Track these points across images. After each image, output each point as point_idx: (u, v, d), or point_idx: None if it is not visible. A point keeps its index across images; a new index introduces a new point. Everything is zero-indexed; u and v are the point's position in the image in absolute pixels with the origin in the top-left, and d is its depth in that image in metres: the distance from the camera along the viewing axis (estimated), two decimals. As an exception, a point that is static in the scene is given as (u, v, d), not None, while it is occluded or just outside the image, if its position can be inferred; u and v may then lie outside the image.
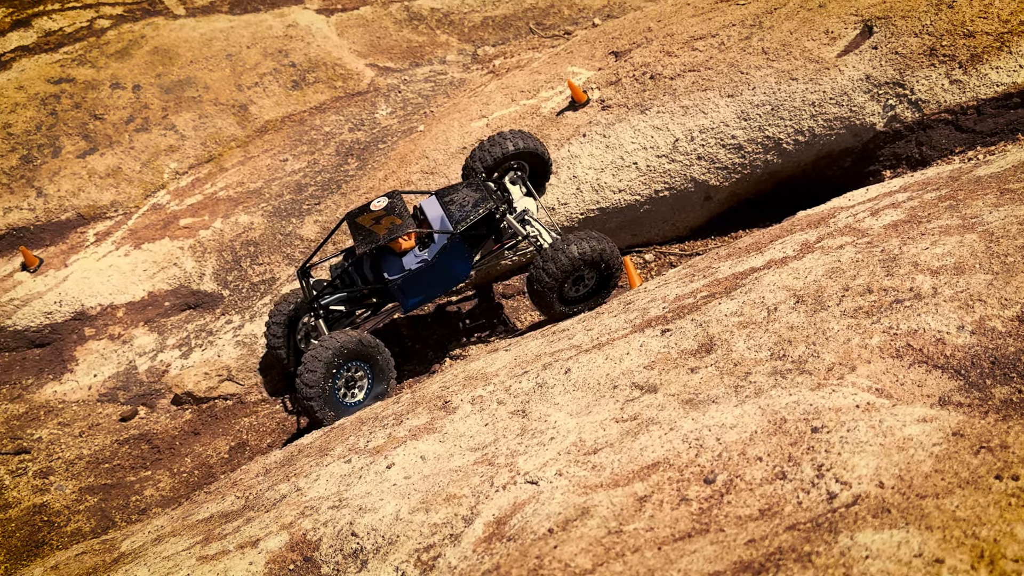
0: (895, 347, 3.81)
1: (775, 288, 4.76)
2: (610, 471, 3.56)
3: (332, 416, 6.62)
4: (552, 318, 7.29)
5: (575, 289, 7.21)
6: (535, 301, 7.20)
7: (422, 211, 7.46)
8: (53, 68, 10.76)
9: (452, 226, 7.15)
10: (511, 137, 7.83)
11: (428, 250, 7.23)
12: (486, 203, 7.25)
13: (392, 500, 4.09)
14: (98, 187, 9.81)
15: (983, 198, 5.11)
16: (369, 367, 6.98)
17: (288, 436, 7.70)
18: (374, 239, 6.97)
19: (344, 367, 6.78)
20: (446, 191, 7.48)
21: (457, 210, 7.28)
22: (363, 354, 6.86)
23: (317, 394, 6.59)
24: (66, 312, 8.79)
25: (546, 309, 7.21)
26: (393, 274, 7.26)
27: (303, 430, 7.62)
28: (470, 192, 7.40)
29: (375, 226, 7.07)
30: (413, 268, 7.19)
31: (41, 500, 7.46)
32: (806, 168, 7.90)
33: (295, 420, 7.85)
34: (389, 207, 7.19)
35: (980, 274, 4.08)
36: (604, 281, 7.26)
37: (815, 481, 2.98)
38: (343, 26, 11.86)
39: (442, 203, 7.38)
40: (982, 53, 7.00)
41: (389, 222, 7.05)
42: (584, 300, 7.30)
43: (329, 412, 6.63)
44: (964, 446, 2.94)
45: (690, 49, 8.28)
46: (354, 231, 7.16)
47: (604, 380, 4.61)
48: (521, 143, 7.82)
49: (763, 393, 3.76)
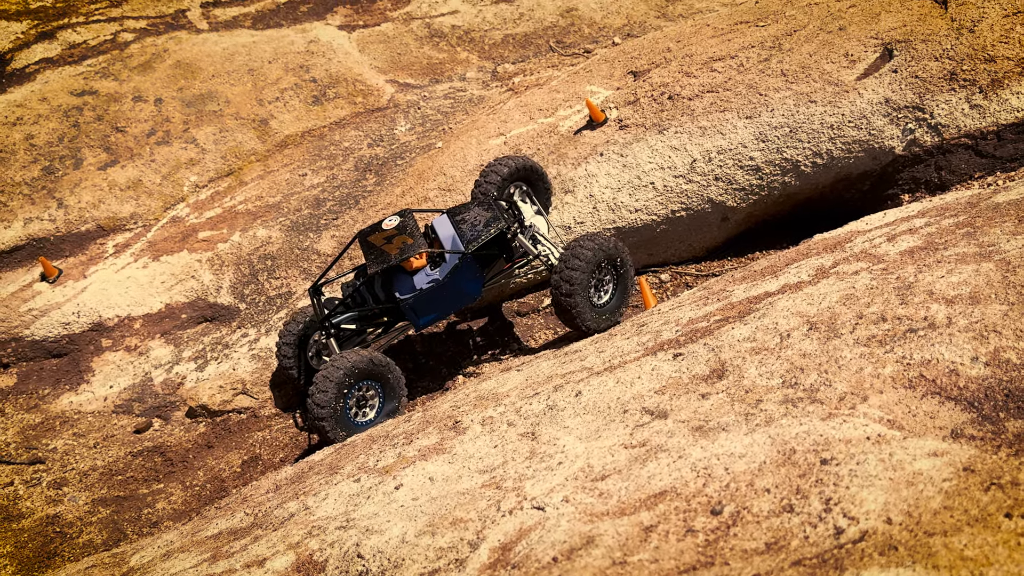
0: (908, 377, 3.77)
1: (789, 314, 4.72)
2: (617, 499, 3.53)
3: (343, 435, 6.61)
4: (582, 331, 7.17)
5: (599, 296, 7.17)
6: (562, 315, 7.10)
7: (433, 230, 7.47)
8: (76, 80, 10.87)
9: (464, 246, 7.16)
10: (504, 160, 7.93)
11: (439, 269, 7.23)
12: (497, 222, 7.25)
13: (399, 522, 4.08)
14: (118, 199, 9.89)
15: (1001, 225, 5.06)
16: (380, 386, 6.97)
17: (301, 451, 7.71)
18: (386, 259, 6.98)
19: (355, 387, 6.77)
20: (457, 210, 7.49)
21: (469, 229, 7.28)
22: (374, 374, 6.85)
23: (328, 414, 6.58)
24: (84, 323, 8.85)
25: (573, 320, 7.05)
26: (404, 293, 7.27)
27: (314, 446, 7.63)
28: (481, 211, 7.41)
29: (387, 245, 7.08)
30: (424, 287, 7.19)
31: (54, 511, 7.49)
32: (824, 191, 7.87)
33: (307, 435, 7.86)
34: (401, 226, 7.21)
35: (996, 304, 4.03)
36: (622, 281, 7.25)
37: (823, 515, 2.94)
38: (364, 42, 11.93)
39: (453, 222, 7.39)
40: (1003, 78, 6.96)
41: (401, 241, 7.07)
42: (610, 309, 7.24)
43: (340, 432, 6.62)
44: (974, 482, 2.90)
45: (709, 70, 8.27)
46: (366, 250, 7.18)
47: (615, 404, 4.59)
48: (513, 162, 7.90)
49: (773, 422, 3.73)
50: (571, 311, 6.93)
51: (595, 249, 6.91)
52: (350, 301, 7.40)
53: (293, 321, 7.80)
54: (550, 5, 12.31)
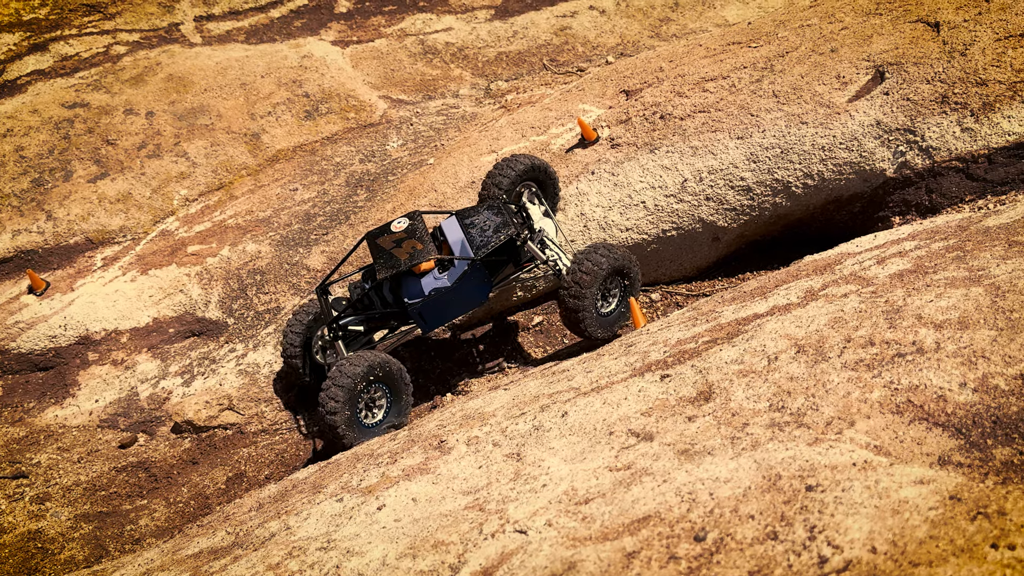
0: (895, 403, 3.74)
1: (777, 336, 4.69)
2: (600, 523, 3.48)
3: (353, 438, 6.60)
4: (585, 336, 7.28)
5: (606, 303, 7.27)
6: (569, 324, 7.21)
7: (442, 232, 7.44)
8: (68, 93, 10.84)
9: (473, 251, 7.14)
10: (514, 160, 7.86)
11: (448, 273, 7.20)
12: (507, 228, 7.23)
13: (380, 544, 4.03)
14: (108, 212, 9.84)
15: (991, 250, 5.04)
16: (389, 389, 6.96)
17: (287, 468, 7.64)
18: (396, 264, 6.94)
19: (367, 388, 6.76)
20: (467, 212, 7.45)
21: (478, 234, 7.25)
22: (384, 376, 6.84)
23: (342, 419, 6.57)
24: (70, 336, 8.78)
25: (578, 325, 7.17)
26: (412, 297, 7.24)
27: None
28: (491, 216, 7.37)
29: (396, 249, 7.03)
30: (432, 292, 7.17)
31: (37, 526, 7.41)
32: (815, 212, 7.85)
33: (294, 452, 7.79)
34: (410, 229, 7.16)
35: (984, 330, 4.01)
36: (629, 290, 7.36)
37: (807, 543, 2.90)
38: (358, 58, 11.92)
39: (462, 225, 7.35)
40: (994, 102, 6.96)
41: (410, 246, 7.02)
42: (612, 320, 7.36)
43: (352, 435, 6.61)
44: (961, 511, 2.87)
45: (701, 90, 8.27)
46: (374, 251, 7.13)
47: (601, 425, 4.54)
48: (523, 162, 7.85)
49: (760, 446, 3.69)
50: (578, 314, 7.04)
51: (610, 259, 7.02)
52: (357, 303, 7.35)
53: (303, 311, 7.75)
54: (544, 23, 12.33)
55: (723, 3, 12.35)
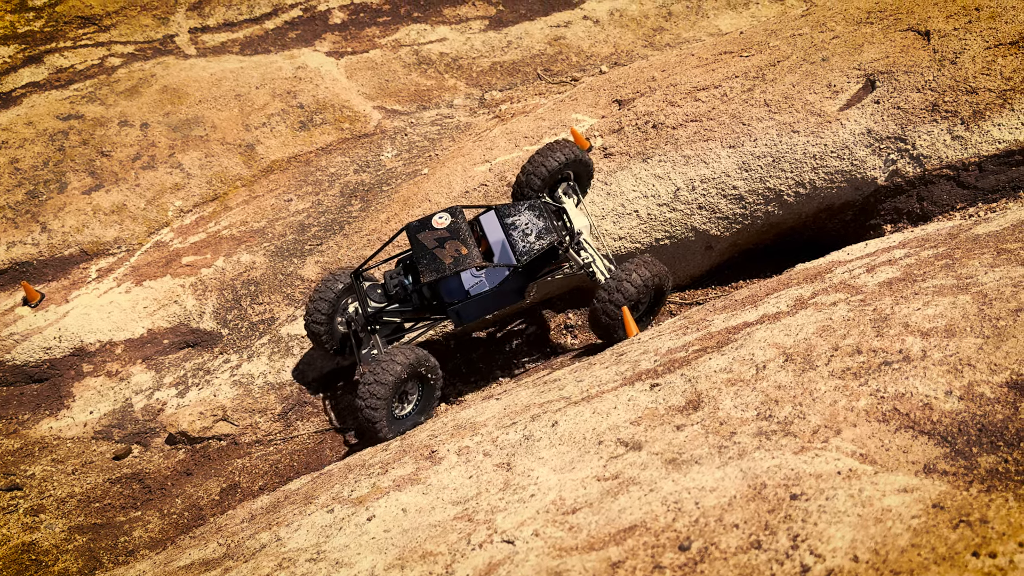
0: (882, 411, 3.74)
1: (765, 345, 4.70)
2: (586, 533, 3.49)
3: (387, 431, 6.71)
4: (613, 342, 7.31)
5: (634, 312, 7.36)
6: (598, 332, 7.31)
7: (481, 227, 7.42)
8: (63, 104, 10.86)
9: (515, 256, 7.14)
10: (554, 150, 7.73)
11: (485, 272, 7.24)
12: (549, 235, 7.20)
13: (369, 555, 4.03)
14: (102, 224, 9.85)
15: (979, 258, 5.05)
16: (423, 385, 7.09)
17: (281, 479, 7.64)
18: (440, 268, 6.92)
19: (404, 383, 6.86)
20: (507, 210, 7.39)
21: (520, 238, 7.23)
22: (421, 373, 6.95)
23: (382, 415, 6.68)
24: (65, 348, 8.78)
25: (609, 338, 7.26)
26: (452, 296, 7.29)
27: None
28: (532, 218, 7.32)
29: (438, 250, 6.99)
30: (473, 294, 7.22)
31: (31, 538, 7.39)
32: (807, 220, 7.87)
33: (288, 462, 7.78)
34: (452, 228, 7.13)
35: (971, 338, 4.02)
36: (657, 300, 7.50)
37: (789, 552, 2.91)
38: (352, 69, 11.95)
39: (503, 225, 7.32)
40: (984, 110, 6.98)
41: (454, 248, 6.99)
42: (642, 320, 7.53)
43: (388, 430, 6.73)
44: (943, 519, 2.87)
45: (693, 99, 8.29)
46: (416, 249, 7.11)
47: (590, 435, 4.55)
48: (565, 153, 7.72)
49: (746, 455, 3.70)
50: (611, 326, 7.13)
51: (649, 279, 7.08)
52: (394, 296, 7.39)
53: (333, 279, 7.73)
54: (538, 34, 12.36)
55: (716, 12, 12.39)
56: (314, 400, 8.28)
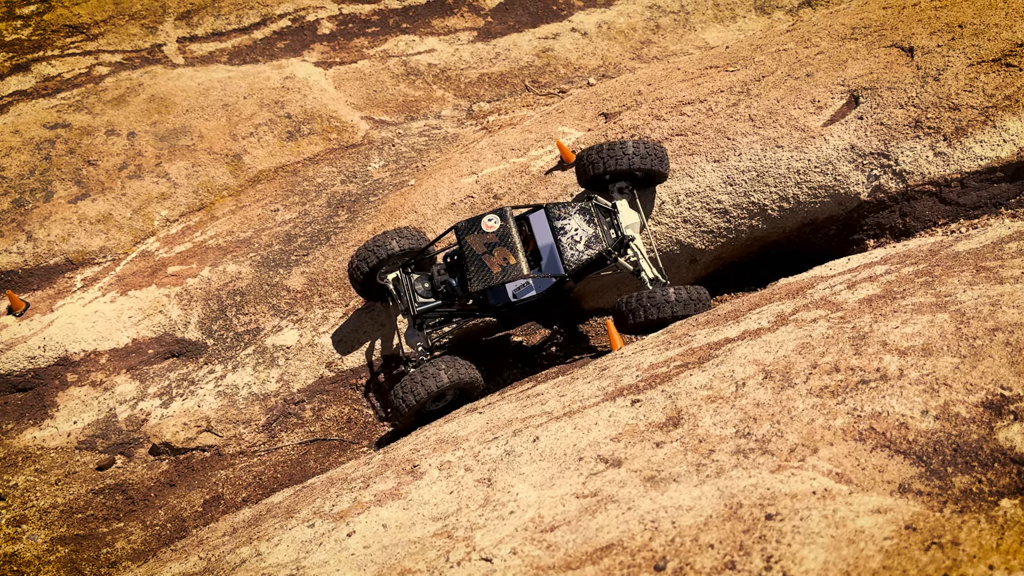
0: (858, 430, 3.77)
1: (745, 362, 4.73)
2: (564, 552, 3.50)
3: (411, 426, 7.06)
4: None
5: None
6: (622, 328, 7.27)
7: (530, 228, 7.39)
8: (49, 113, 10.85)
9: (562, 263, 7.13)
10: (633, 147, 7.50)
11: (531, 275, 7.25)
12: (599, 243, 7.17)
13: (348, 572, 4.03)
14: (88, 233, 9.83)
15: (959, 275, 5.09)
16: (461, 394, 7.39)
17: (264, 491, 7.63)
18: (487, 278, 6.93)
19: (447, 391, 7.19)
20: (557, 211, 7.32)
21: (569, 245, 7.18)
22: (466, 387, 7.26)
23: (414, 412, 7.03)
24: (50, 357, 8.76)
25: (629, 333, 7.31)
26: (498, 299, 7.40)
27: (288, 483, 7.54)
28: (583, 224, 7.26)
29: (487, 256, 6.97)
30: (519, 299, 7.32)
31: (12, 549, 7.36)
32: (791, 234, 7.91)
33: (272, 474, 7.77)
34: (501, 233, 7.09)
35: (947, 357, 4.05)
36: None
37: (763, 574, 2.92)
38: (340, 79, 11.96)
39: (553, 228, 7.27)
40: (967, 126, 7.04)
41: (502, 256, 6.97)
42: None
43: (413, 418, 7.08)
44: (915, 541, 2.90)
45: (678, 113, 8.33)
46: (465, 253, 7.10)
47: (571, 451, 4.56)
48: (646, 154, 7.52)
49: (723, 473, 3.72)
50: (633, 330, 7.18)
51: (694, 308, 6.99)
52: (439, 294, 7.46)
53: (384, 239, 7.72)
54: (526, 46, 12.40)
55: (703, 25, 12.46)
56: (298, 411, 8.27)
